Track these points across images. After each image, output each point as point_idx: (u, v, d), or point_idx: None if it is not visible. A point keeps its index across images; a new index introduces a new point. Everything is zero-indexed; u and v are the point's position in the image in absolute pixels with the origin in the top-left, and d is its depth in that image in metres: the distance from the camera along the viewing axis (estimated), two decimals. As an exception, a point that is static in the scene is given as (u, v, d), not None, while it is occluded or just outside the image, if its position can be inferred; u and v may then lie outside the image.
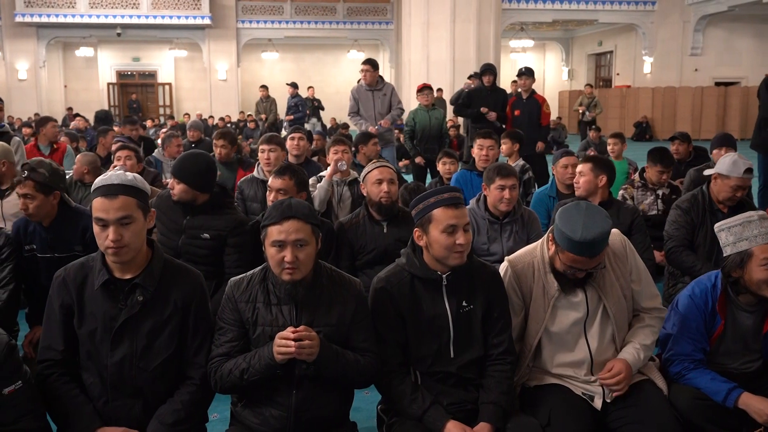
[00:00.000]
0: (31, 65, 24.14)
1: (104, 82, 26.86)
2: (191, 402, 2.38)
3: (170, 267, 2.44)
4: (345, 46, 26.96)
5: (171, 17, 23.63)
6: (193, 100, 26.14)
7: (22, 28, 23.65)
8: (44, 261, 3.54)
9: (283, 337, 2.25)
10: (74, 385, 2.38)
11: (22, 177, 3.45)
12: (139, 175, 2.40)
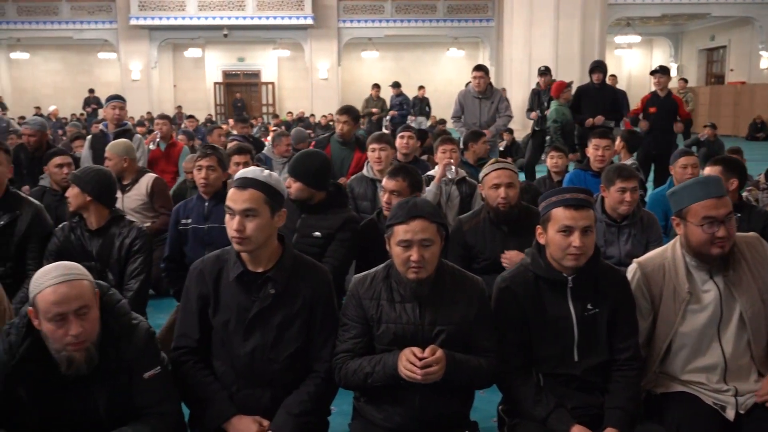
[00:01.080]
0: (144, 66, 25.29)
1: (211, 82, 27.86)
2: (317, 394, 2.44)
3: (300, 262, 2.51)
4: (444, 45, 26.87)
5: (275, 18, 24.22)
6: (294, 99, 26.74)
7: (136, 30, 24.80)
8: (193, 232, 3.89)
9: (410, 361, 2.26)
10: (208, 372, 2.48)
11: (207, 152, 4.00)
12: (276, 174, 2.47)
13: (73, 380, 2.19)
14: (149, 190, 5.01)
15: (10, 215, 3.55)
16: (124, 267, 3.50)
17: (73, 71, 27.90)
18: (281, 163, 7.33)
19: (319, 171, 3.66)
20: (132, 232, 3.54)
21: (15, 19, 25.15)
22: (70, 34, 25.29)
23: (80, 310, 2.11)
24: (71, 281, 2.12)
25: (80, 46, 26.81)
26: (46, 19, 25.17)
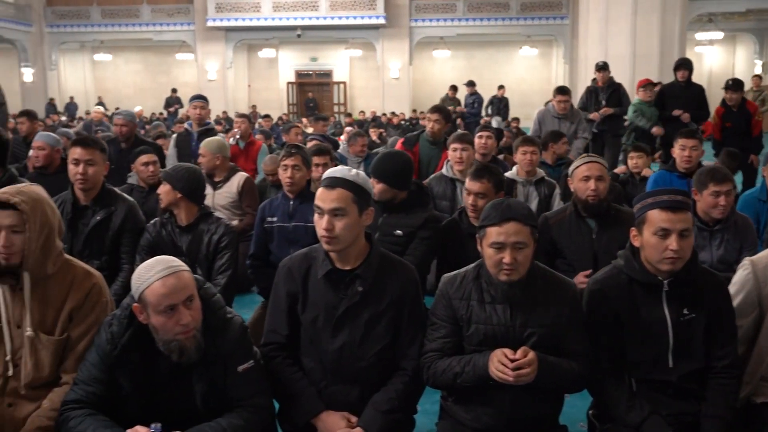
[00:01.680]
0: (220, 66, 25.91)
1: (284, 82, 28.33)
2: (404, 392, 2.45)
3: (387, 260, 2.52)
4: (517, 43, 26.57)
5: (347, 17, 24.45)
6: (366, 98, 26.92)
7: (213, 31, 25.43)
8: (278, 230, 3.96)
9: (501, 362, 2.25)
10: (297, 368, 2.52)
11: (291, 151, 4.06)
12: (363, 173, 2.49)
13: (172, 371, 2.26)
14: (240, 188, 5.12)
15: (106, 211, 3.69)
16: (212, 262, 3.60)
17: (152, 72, 28.81)
18: (356, 163, 7.40)
19: (402, 171, 3.68)
20: (219, 228, 3.63)
21: (99, 22, 26.17)
22: (150, 36, 26.15)
23: (188, 300, 2.19)
24: (177, 273, 2.19)
25: (159, 48, 27.66)
26: (128, 21, 26.09)
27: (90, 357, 2.31)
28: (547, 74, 27.81)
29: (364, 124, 16.66)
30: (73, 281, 2.41)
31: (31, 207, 2.28)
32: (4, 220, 2.26)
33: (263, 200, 5.18)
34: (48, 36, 26.56)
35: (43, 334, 2.34)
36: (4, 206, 2.26)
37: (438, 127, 5.81)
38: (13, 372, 2.34)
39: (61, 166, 5.01)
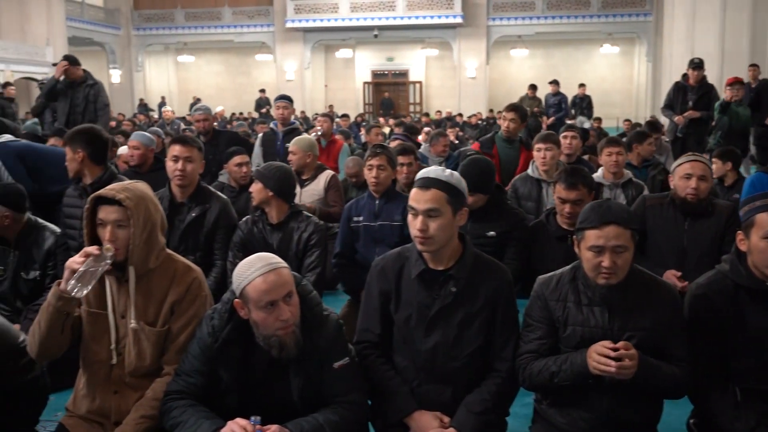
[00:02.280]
0: (298, 67, 26.35)
1: (360, 82, 28.55)
2: (498, 393, 2.43)
3: (481, 261, 2.51)
4: (598, 41, 26.02)
5: (424, 17, 24.47)
6: (441, 98, 26.86)
7: (291, 33, 25.89)
8: (364, 229, 4.01)
9: (602, 354, 2.21)
10: (390, 366, 2.53)
11: (377, 151, 4.05)
12: (457, 173, 2.48)
13: (270, 365, 2.31)
14: (326, 185, 5.20)
15: (201, 208, 3.81)
16: (301, 260, 3.66)
17: (232, 72, 29.53)
18: (438, 163, 7.38)
19: (484, 176, 3.68)
20: (309, 226, 3.69)
21: (183, 25, 27.04)
22: (232, 38, 26.84)
23: (288, 296, 2.23)
24: (277, 269, 2.24)
25: (240, 49, 28.33)
26: (210, 24, 26.86)
27: (191, 349, 2.38)
28: (629, 73, 27.12)
29: (441, 123, 16.59)
30: (175, 275, 2.49)
31: (135, 203, 2.37)
32: (110, 215, 2.35)
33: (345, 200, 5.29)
34: (135, 39, 27.60)
35: (146, 325, 2.43)
36: (111, 202, 2.36)
37: (513, 126, 5.71)
38: (117, 361, 2.43)
39: (154, 165, 5.20)
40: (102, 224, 2.36)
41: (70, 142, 3.76)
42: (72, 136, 3.80)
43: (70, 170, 3.80)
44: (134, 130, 11.30)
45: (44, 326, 2.29)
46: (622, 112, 23.03)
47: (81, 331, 2.43)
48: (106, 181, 3.78)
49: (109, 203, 2.36)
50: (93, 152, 3.78)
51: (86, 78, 7.34)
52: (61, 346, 2.37)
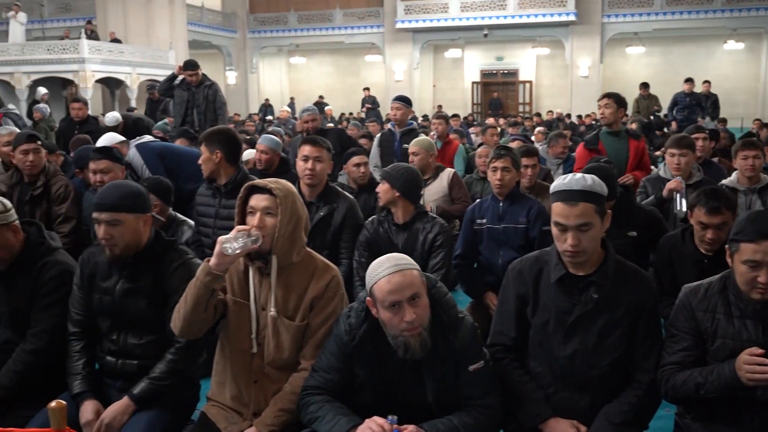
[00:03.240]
0: (407, 67, 26.50)
1: (469, 81, 28.39)
2: (638, 405, 2.36)
3: (623, 268, 2.44)
4: (721, 37, 24.73)
5: (536, 16, 24.06)
6: (552, 97, 26.33)
7: (401, 33, 26.06)
8: (488, 232, 3.95)
9: (755, 362, 2.09)
10: (524, 371, 2.50)
11: (501, 153, 4.01)
12: (596, 177, 2.41)
13: (404, 365, 2.33)
14: (450, 181, 5.21)
15: (329, 207, 3.89)
16: (426, 261, 3.67)
17: (342, 73, 30.04)
18: (556, 165, 7.24)
19: (607, 182, 3.57)
20: (435, 227, 3.70)
21: (296, 27, 27.76)
22: (342, 39, 27.31)
23: (413, 298, 2.23)
24: (403, 271, 2.24)
25: (350, 50, 28.77)
26: (322, 26, 27.45)
27: (329, 346, 2.43)
28: (755, 70, 25.64)
29: (553, 124, 16.25)
30: (315, 272, 2.55)
31: (284, 194, 2.45)
32: (260, 202, 2.44)
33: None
34: (250, 41, 28.57)
35: (285, 318, 2.50)
36: (262, 191, 2.46)
37: (609, 112, 5.35)
38: (258, 350, 2.52)
39: (280, 168, 5.35)
40: (252, 212, 2.45)
41: (208, 143, 3.87)
42: (210, 137, 3.91)
43: (205, 170, 3.92)
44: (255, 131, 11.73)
45: (190, 301, 2.39)
46: (746, 112, 21.82)
47: (223, 315, 2.53)
48: (240, 182, 3.91)
49: (260, 192, 2.45)
50: (229, 153, 3.91)
51: (204, 79, 7.67)
52: (204, 324, 2.46)
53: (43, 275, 2.81)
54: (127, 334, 2.73)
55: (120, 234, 2.64)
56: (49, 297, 2.80)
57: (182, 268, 2.73)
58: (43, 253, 2.87)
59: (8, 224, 2.78)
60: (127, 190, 2.74)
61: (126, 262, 2.71)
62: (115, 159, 4.21)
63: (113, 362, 2.74)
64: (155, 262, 2.74)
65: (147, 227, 2.74)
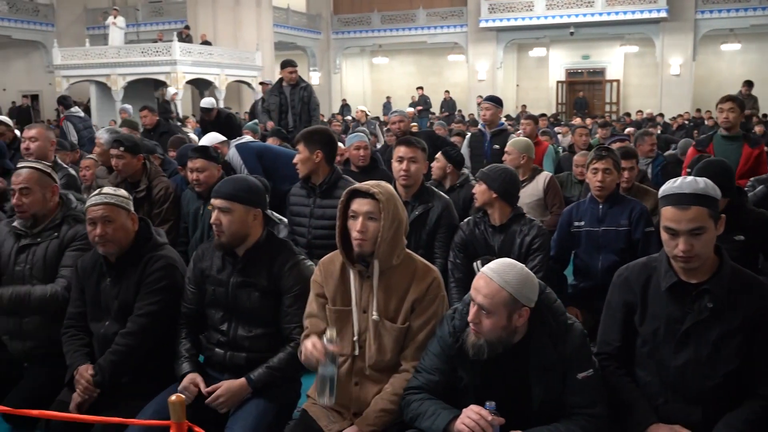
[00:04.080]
0: (490, 67, 26.26)
1: (553, 81, 27.87)
2: (757, 421, 2.25)
3: (739, 276, 2.33)
4: (823, 32, 23.48)
5: (625, 13, 23.42)
6: (640, 97, 25.56)
7: (484, 32, 25.84)
8: (586, 235, 3.85)
9: None
10: (628, 379, 2.44)
11: (602, 154, 3.88)
12: (708, 179, 2.31)
13: (510, 370, 2.29)
14: (546, 186, 5.10)
15: (424, 207, 3.88)
16: (523, 263, 3.59)
17: (424, 73, 29.98)
18: (645, 164, 7.01)
19: (724, 176, 3.41)
20: (532, 230, 3.63)
21: (379, 28, 27.92)
22: (425, 39, 27.32)
23: (483, 308, 2.23)
24: (490, 280, 2.25)
25: (432, 50, 28.73)
26: (405, 26, 27.53)
27: (432, 347, 2.42)
28: None
29: (642, 124, 15.76)
30: (415, 274, 2.55)
31: (387, 198, 2.46)
32: (362, 207, 2.46)
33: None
34: (333, 42, 28.92)
35: (387, 320, 2.50)
36: (364, 195, 2.46)
37: (733, 116, 5.17)
38: (359, 353, 2.53)
39: (370, 165, 5.38)
40: (354, 216, 2.47)
41: (308, 143, 3.91)
42: (310, 137, 3.95)
43: (303, 169, 3.96)
44: (341, 131, 11.86)
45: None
46: None
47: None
48: (334, 181, 3.97)
49: (363, 196, 2.46)
50: (329, 153, 3.96)
51: (299, 81, 7.80)
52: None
53: (148, 267, 2.92)
54: (237, 326, 2.80)
55: (228, 222, 2.73)
56: (152, 286, 2.90)
57: (295, 269, 2.80)
58: (150, 248, 2.99)
59: (129, 212, 2.95)
60: (244, 184, 2.85)
61: (239, 256, 2.80)
62: (210, 158, 4.32)
63: (221, 354, 2.81)
64: (269, 259, 2.81)
65: (257, 222, 2.82)
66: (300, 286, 2.76)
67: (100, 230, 2.84)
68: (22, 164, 3.37)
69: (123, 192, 3.00)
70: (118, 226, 2.87)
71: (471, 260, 3.72)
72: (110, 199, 2.90)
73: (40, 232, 3.25)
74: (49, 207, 3.28)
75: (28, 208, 3.21)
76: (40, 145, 4.78)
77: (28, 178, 3.22)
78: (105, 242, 2.86)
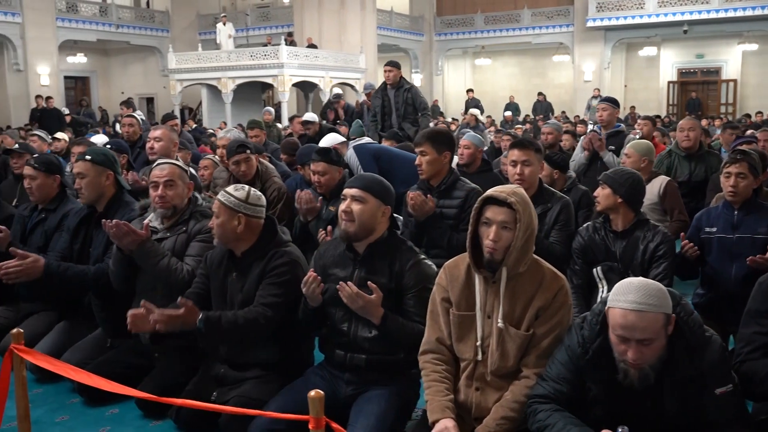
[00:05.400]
0: (597, 67, 25.52)
1: (664, 81, 26.74)
2: None
3: None
4: None
5: (744, 9, 22.23)
6: (760, 98, 24.12)
7: (592, 32, 25.13)
8: (718, 242, 3.65)
9: None
10: None
11: (737, 158, 3.68)
12: None
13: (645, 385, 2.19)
14: (661, 191, 4.89)
15: (543, 207, 3.83)
16: (646, 271, 3.45)
17: (527, 74, 29.53)
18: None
19: None
20: (657, 236, 3.48)
21: (482, 29, 27.72)
22: (529, 39, 26.90)
23: (644, 341, 2.11)
24: (643, 313, 2.10)
25: (536, 50, 28.24)
26: (509, 26, 27.21)
27: (559, 356, 2.36)
28: None
29: (761, 127, 14.88)
30: (543, 281, 2.49)
31: (523, 207, 2.41)
32: (498, 215, 2.42)
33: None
34: (436, 44, 28.91)
35: (511, 326, 2.45)
36: (499, 203, 2.40)
37: None
38: (482, 358, 2.49)
39: (482, 167, 5.31)
40: (487, 223, 2.43)
41: (435, 143, 3.89)
42: (436, 138, 3.93)
43: (429, 170, 3.93)
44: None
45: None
46: None
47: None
48: (453, 182, 3.95)
49: (498, 204, 2.41)
50: (452, 154, 3.99)
51: (402, 83, 7.81)
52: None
53: (272, 261, 3.02)
54: (358, 326, 2.81)
55: (360, 211, 2.76)
56: (274, 279, 2.99)
57: (417, 267, 2.81)
58: (275, 244, 3.08)
59: (258, 218, 3.09)
60: (380, 180, 2.90)
61: (359, 254, 2.84)
62: (332, 161, 4.36)
63: (342, 356, 2.84)
64: (390, 257, 2.81)
65: (384, 220, 2.84)
66: (421, 286, 2.76)
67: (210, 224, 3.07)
68: (163, 161, 3.57)
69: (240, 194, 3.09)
70: (220, 222, 3.02)
71: (590, 266, 3.61)
72: (221, 198, 3.06)
73: (171, 227, 3.41)
74: (185, 202, 3.45)
75: (170, 199, 3.41)
76: (163, 145, 4.99)
77: (171, 171, 3.43)
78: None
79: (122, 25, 25.02)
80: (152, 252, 3.24)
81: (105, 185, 3.70)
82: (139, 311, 2.78)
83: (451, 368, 2.57)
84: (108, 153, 3.82)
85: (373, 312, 2.68)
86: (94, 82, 27.85)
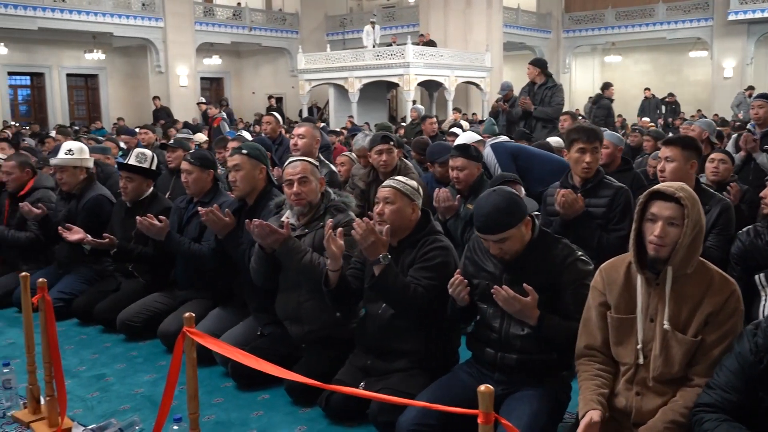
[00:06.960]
0: (738, 63, 24.09)
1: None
2: None
3: None
4: None
5: None
6: None
7: (733, 26, 23.75)
8: None
9: None
10: None
11: None
12: None
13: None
14: None
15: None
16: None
17: (661, 72, 28.27)
18: None
19: None
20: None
21: (612, 25, 26.84)
22: (664, 35, 25.77)
23: None
24: None
25: (670, 46, 27.02)
26: (641, 22, 26.17)
27: (729, 364, 2.24)
28: None
29: None
30: (711, 285, 2.37)
31: (692, 203, 2.29)
32: (664, 211, 2.31)
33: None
34: (564, 41, 28.27)
35: (676, 331, 2.34)
36: (667, 198, 2.31)
37: None
38: (644, 362, 2.40)
39: (621, 166, 5.13)
40: (652, 219, 2.34)
41: (592, 141, 3.83)
42: (595, 135, 3.88)
43: (593, 169, 3.87)
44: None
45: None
46: None
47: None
48: (600, 180, 3.84)
49: (665, 199, 2.31)
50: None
51: (547, 81, 7.70)
52: None
53: (424, 247, 3.09)
54: (509, 324, 2.77)
55: (510, 248, 2.71)
56: (426, 262, 3.05)
57: (577, 263, 2.75)
58: (427, 233, 3.14)
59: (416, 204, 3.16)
60: (506, 208, 2.69)
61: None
62: (471, 157, 4.37)
63: (492, 354, 2.81)
64: (542, 255, 2.76)
65: (527, 229, 2.75)
66: (579, 282, 2.69)
67: (380, 209, 3.11)
68: (294, 158, 3.66)
69: (412, 183, 3.17)
70: (396, 209, 3.10)
71: (751, 273, 3.40)
72: (398, 185, 3.13)
73: (308, 222, 3.50)
74: (318, 197, 3.54)
75: (305, 195, 3.50)
76: (307, 142, 5.14)
77: (304, 168, 3.52)
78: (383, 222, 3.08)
79: (255, 28, 26.06)
80: (295, 249, 3.34)
81: (258, 178, 3.85)
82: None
83: (607, 367, 2.50)
84: (261, 148, 3.98)
85: (529, 314, 2.64)
86: (227, 82, 29.20)
